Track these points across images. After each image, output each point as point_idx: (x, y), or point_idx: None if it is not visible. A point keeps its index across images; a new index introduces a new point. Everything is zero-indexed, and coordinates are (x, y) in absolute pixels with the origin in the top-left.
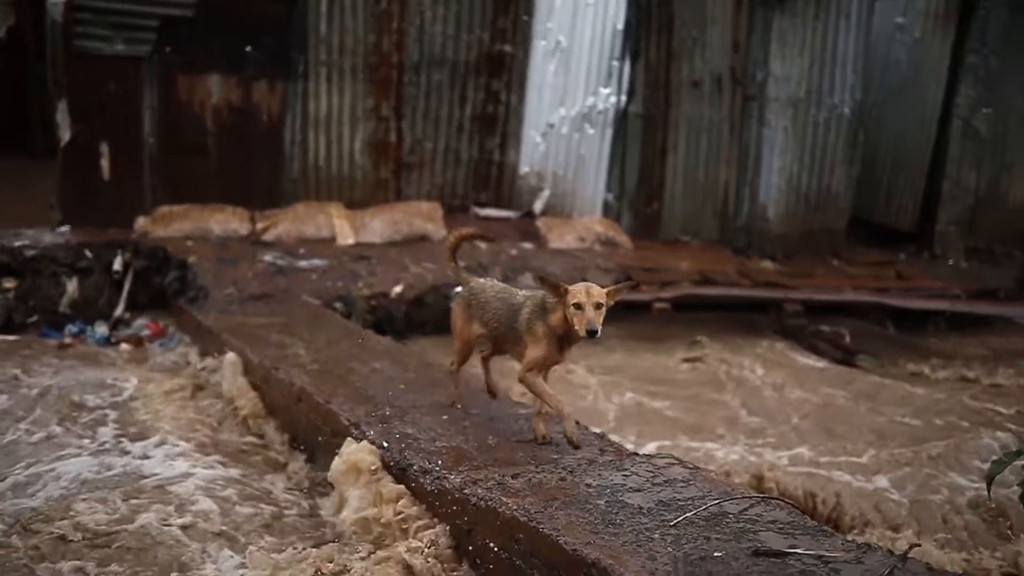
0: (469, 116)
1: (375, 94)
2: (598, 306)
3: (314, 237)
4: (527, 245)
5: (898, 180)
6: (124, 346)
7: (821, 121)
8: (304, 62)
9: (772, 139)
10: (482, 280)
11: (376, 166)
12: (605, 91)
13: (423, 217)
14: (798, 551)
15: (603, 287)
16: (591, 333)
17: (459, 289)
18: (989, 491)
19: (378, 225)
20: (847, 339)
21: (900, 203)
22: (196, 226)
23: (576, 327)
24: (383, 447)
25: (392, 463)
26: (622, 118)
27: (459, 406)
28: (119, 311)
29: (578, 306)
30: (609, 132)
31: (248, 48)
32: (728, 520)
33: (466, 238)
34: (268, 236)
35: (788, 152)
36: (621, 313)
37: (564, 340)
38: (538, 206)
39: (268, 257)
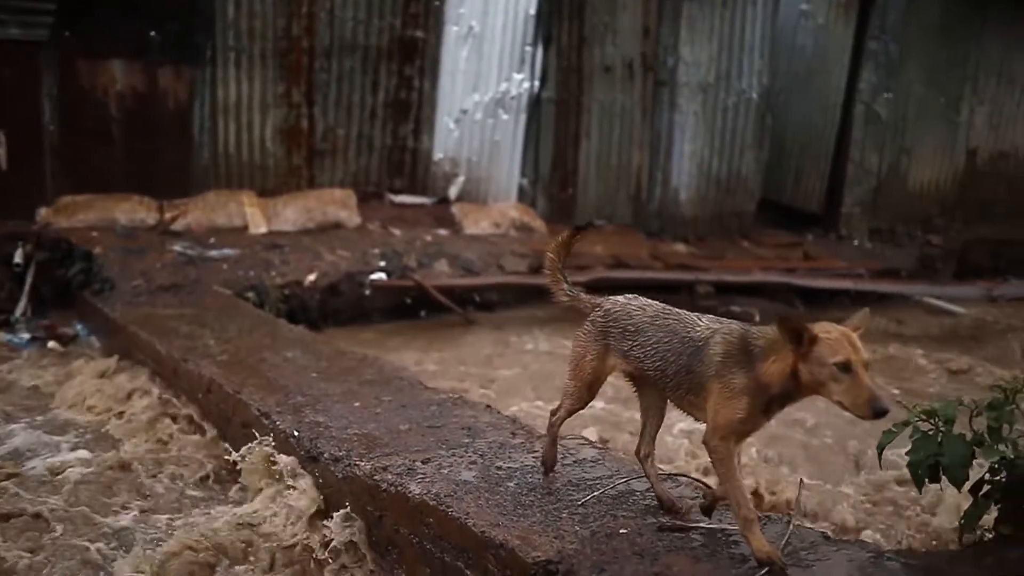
0: (382, 102)
1: (286, 80)
2: (867, 366)
3: (225, 226)
4: (442, 231)
5: (805, 163)
6: (53, 344)
7: (730, 106)
8: (211, 47)
9: (683, 124)
10: (621, 299)
11: (288, 153)
12: (518, 77)
13: (337, 204)
14: (701, 525)
15: (854, 327)
16: (882, 414)
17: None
18: (880, 461)
19: (291, 213)
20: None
21: (807, 186)
22: (101, 216)
23: (843, 399)
24: (294, 436)
25: (303, 452)
26: (535, 104)
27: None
28: (21, 305)
29: (845, 367)
30: (523, 118)
31: (152, 33)
32: (635, 497)
33: (570, 243)
34: (177, 226)
35: (699, 137)
36: (537, 299)
37: (777, 400)
38: (453, 192)
39: (177, 247)
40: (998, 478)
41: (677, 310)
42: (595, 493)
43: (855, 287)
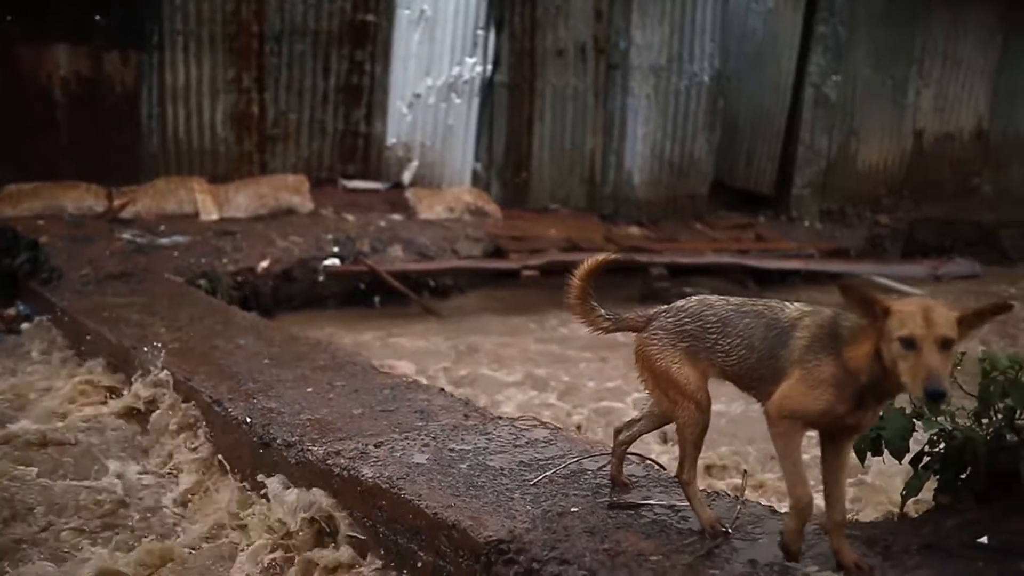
0: (334, 87)
1: (235, 65)
2: (945, 343)
3: (176, 213)
4: (396, 217)
5: (756, 146)
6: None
7: (682, 89)
8: (158, 31)
9: (636, 107)
10: (694, 298)
11: (239, 139)
12: (471, 60)
13: (289, 190)
14: (651, 502)
15: (955, 311)
16: (934, 396)
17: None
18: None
19: (243, 199)
20: None
21: (759, 168)
22: (47, 204)
23: (905, 379)
24: (246, 422)
25: (256, 438)
26: (488, 88)
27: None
28: None
29: (909, 342)
30: (476, 102)
31: (97, 17)
32: (587, 477)
33: (599, 268)
34: (126, 213)
35: (651, 120)
36: (491, 282)
37: (868, 392)
38: (406, 177)
39: (127, 235)
40: (937, 450)
41: (769, 300)
42: (547, 473)
43: (805, 267)
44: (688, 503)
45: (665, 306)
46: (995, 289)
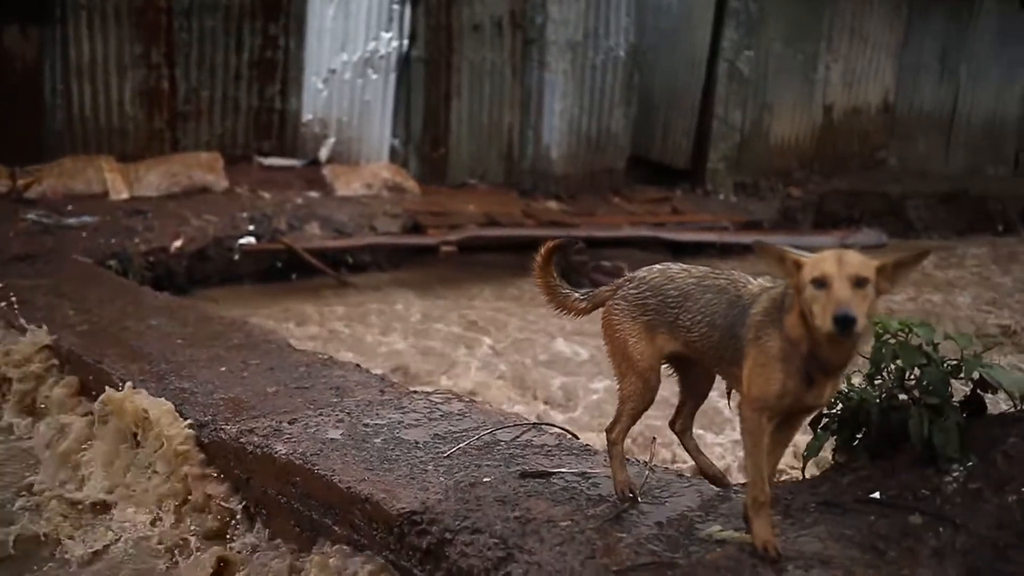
0: (247, 63)
1: (143, 40)
2: (858, 282)
3: (84, 193)
4: (313, 194)
5: (672, 120)
6: None
7: (598, 64)
8: (61, 6)
9: (553, 82)
10: (657, 267)
11: (149, 116)
12: (386, 35)
13: (203, 168)
14: (563, 470)
15: (874, 261)
16: (842, 322)
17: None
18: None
19: (154, 178)
20: (626, 271)
21: (675, 142)
22: None
23: (818, 321)
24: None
25: None
26: (405, 63)
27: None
28: None
29: (820, 282)
30: (392, 77)
31: None
32: (500, 447)
33: (551, 258)
34: (31, 193)
35: (568, 95)
36: (409, 258)
37: (812, 364)
38: (323, 154)
39: (32, 215)
40: (834, 411)
41: (729, 271)
42: (460, 445)
43: (720, 239)
44: (608, 462)
45: (639, 272)
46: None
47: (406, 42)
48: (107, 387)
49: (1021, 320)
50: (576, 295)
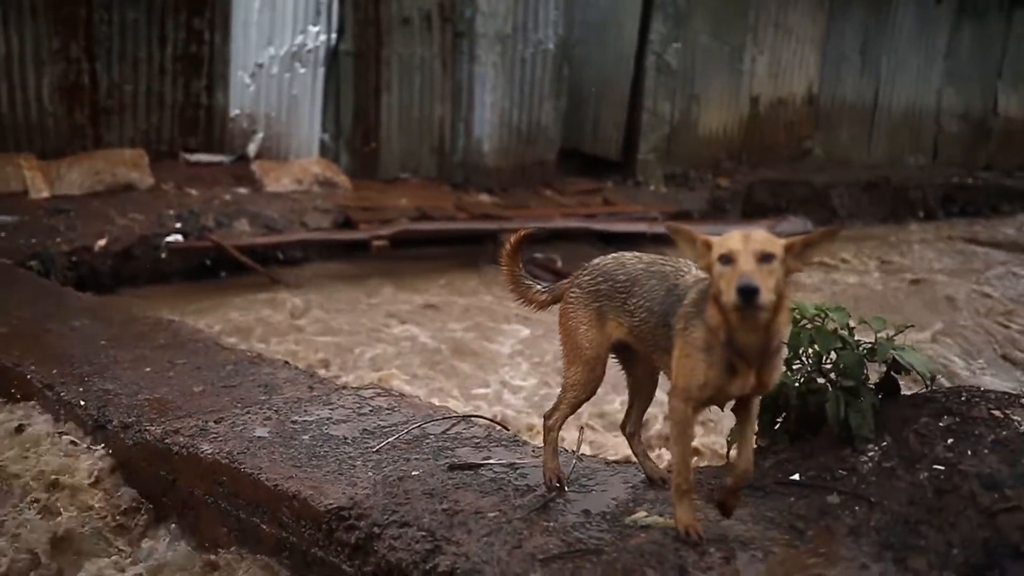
0: (171, 57)
1: (61, 33)
2: (764, 257)
3: (2, 192)
4: (242, 190)
5: (602, 112)
6: None
7: (528, 57)
8: None
9: (483, 75)
10: (613, 254)
11: (69, 112)
12: (314, 29)
13: (127, 165)
14: (491, 462)
15: (782, 240)
16: (744, 292)
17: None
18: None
19: (76, 176)
20: (559, 263)
21: (605, 134)
22: None
23: (724, 298)
24: (80, 406)
25: (91, 422)
26: (333, 57)
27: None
28: None
29: (726, 258)
30: (321, 71)
31: None
32: (429, 441)
33: (521, 245)
34: None
35: (499, 88)
36: (341, 254)
37: (734, 351)
38: (252, 149)
39: None
40: None
41: (678, 259)
42: (389, 439)
43: (651, 230)
44: (541, 449)
45: (596, 259)
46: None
47: (334, 36)
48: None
49: None
50: (538, 287)
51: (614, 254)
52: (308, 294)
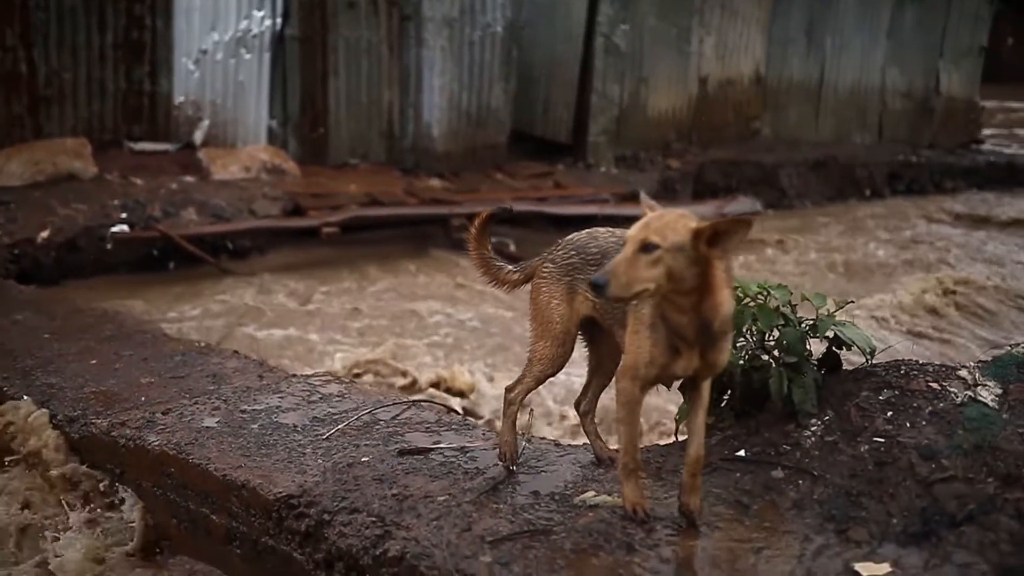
0: (111, 43)
1: None
2: (645, 247)
3: None
4: (189, 178)
5: (552, 95)
6: None
7: (476, 40)
8: None
9: (431, 59)
10: (577, 234)
11: (7, 102)
12: (259, 14)
13: (69, 155)
14: (441, 446)
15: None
16: (594, 286)
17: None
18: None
19: (15, 166)
20: (511, 247)
21: (556, 116)
22: None
23: None
24: (23, 400)
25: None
26: (279, 42)
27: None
28: None
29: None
30: (267, 57)
31: None
32: (379, 427)
33: (487, 226)
34: None
35: (447, 71)
36: (291, 241)
37: (672, 331)
38: (198, 137)
39: None
40: None
41: None
42: (339, 426)
43: (601, 212)
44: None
45: (571, 237)
46: (774, 224)
47: (279, 20)
48: None
49: None
50: (509, 267)
51: (588, 229)
52: (257, 282)
